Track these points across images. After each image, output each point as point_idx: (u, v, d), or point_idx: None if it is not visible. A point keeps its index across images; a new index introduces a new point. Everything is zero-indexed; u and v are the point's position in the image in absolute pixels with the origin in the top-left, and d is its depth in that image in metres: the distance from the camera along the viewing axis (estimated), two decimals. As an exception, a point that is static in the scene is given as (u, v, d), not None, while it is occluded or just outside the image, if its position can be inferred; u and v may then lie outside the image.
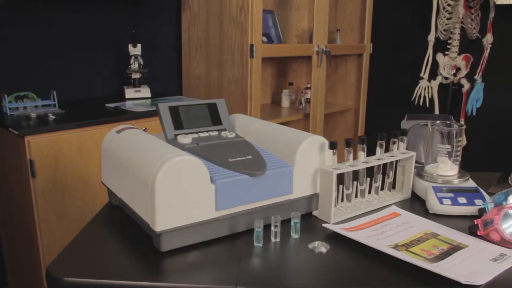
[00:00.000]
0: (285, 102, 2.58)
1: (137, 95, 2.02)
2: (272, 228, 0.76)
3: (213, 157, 0.79)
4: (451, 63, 2.43)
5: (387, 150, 0.93)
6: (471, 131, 2.54)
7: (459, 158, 0.97)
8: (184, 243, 0.73)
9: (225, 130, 0.93)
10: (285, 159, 0.83)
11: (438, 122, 0.98)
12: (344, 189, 0.87)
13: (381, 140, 0.89)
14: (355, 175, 0.87)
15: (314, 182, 0.84)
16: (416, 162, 1.08)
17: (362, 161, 0.86)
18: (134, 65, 2.04)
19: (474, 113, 2.43)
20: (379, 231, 0.80)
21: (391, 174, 0.94)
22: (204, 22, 2.18)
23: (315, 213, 0.86)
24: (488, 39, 2.34)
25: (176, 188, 0.69)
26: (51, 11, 1.93)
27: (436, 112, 2.52)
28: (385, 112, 2.95)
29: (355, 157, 0.86)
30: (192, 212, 0.72)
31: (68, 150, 1.56)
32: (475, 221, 0.81)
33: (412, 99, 2.58)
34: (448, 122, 0.98)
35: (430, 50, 2.46)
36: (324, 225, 0.80)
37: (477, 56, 2.42)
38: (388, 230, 0.81)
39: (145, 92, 2.04)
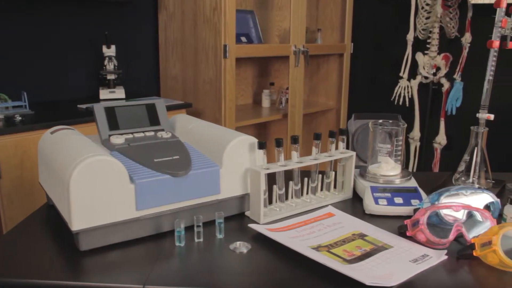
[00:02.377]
0: (265, 102, 2.58)
1: (111, 96, 2.02)
2: (195, 228, 0.76)
3: (139, 157, 0.79)
4: (431, 63, 2.41)
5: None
6: (451, 131, 2.53)
7: (400, 158, 0.97)
8: (105, 242, 0.73)
9: (162, 130, 0.92)
10: (214, 159, 0.83)
11: (380, 121, 0.97)
12: (277, 189, 0.86)
13: (316, 140, 0.88)
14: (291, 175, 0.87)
15: (245, 182, 0.84)
16: (364, 162, 1.07)
17: (295, 161, 0.86)
18: (109, 66, 2.05)
19: (454, 113, 2.42)
20: (307, 232, 0.79)
21: (330, 174, 0.94)
22: (179, 22, 2.18)
23: (247, 213, 0.86)
24: (467, 38, 2.32)
25: (92, 188, 0.69)
26: (25, 11, 1.94)
27: (417, 111, 2.51)
28: (366, 112, 2.94)
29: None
30: (111, 212, 0.72)
31: (35, 151, 1.57)
32: (405, 222, 0.80)
33: (392, 99, 2.57)
34: (391, 121, 0.98)
35: (409, 50, 2.45)
36: (250, 225, 0.79)
37: (457, 55, 2.40)
38: (317, 230, 0.80)
39: (120, 93, 2.04)
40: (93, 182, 0.69)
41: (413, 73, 2.53)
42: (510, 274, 0.69)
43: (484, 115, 0.94)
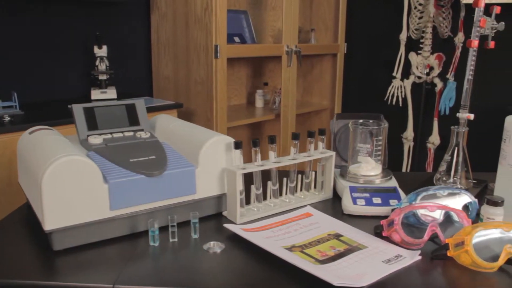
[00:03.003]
0: (259, 102, 2.58)
1: (103, 97, 2.02)
2: (169, 228, 0.76)
3: (115, 158, 0.79)
4: (424, 62, 2.41)
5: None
6: (445, 130, 2.52)
7: (381, 158, 0.96)
8: (78, 242, 0.73)
9: (141, 130, 0.92)
10: (190, 159, 0.83)
11: (361, 121, 0.97)
12: (255, 190, 0.86)
13: (294, 140, 0.88)
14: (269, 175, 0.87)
15: (222, 182, 0.84)
16: (346, 162, 1.07)
17: (273, 161, 0.86)
18: (101, 67, 2.05)
19: (447, 112, 2.41)
20: (283, 232, 0.79)
21: (309, 174, 0.94)
22: (171, 23, 2.18)
23: (225, 213, 0.86)
24: (460, 38, 2.31)
25: (65, 188, 0.69)
26: (15, 11, 1.94)
27: (410, 111, 2.51)
28: (360, 111, 2.94)
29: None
30: (84, 212, 0.72)
31: (24, 151, 1.57)
32: (381, 222, 0.80)
33: (385, 99, 2.56)
34: (371, 121, 0.97)
35: (402, 49, 2.45)
36: (226, 225, 0.79)
37: (450, 55, 2.40)
38: (292, 230, 0.80)
39: (111, 93, 2.04)
40: (66, 182, 0.69)
41: (406, 73, 2.53)
42: (483, 274, 0.68)
43: (464, 115, 0.94)
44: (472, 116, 0.93)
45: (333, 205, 0.93)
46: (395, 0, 2.63)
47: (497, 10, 1.01)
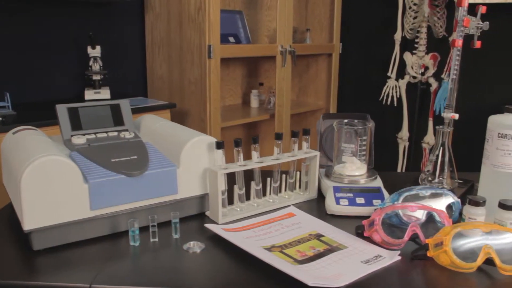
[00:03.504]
0: (254, 103, 2.58)
1: (96, 97, 2.03)
2: (150, 228, 0.76)
3: (97, 158, 0.79)
4: (419, 62, 2.41)
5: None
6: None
7: (366, 158, 0.96)
8: (58, 242, 0.73)
9: (126, 130, 0.93)
10: (172, 159, 0.83)
11: (345, 121, 0.97)
12: (238, 190, 0.86)
13: (278, 140, 0.88)
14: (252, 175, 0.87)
15: (204, 182, 0.84)
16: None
17: (256, 161, 0.86)
18: (95, 67, 2.05)
19: (442, 112, 2.41)
20: (264, 232, 0.79)
21: (293, 174, 0.93)
22: (165, 23, 2.18)
23: (207, 213, 0.86)
24: (454, 37, 2.31)
25: (45, 188, 0.70)
26: (8, 12, 1.95)
27: (405, 111, 2.50)
28: (355, 112, 2.94)
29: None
30: (64, 212, 0.72)
31: (16, 151, 1.57)
32: (363, 222, 0.79)
33: (380, 99, 2.56)
34: (356, 121, 0.97)
35: (397, 49, 2.44)
36: (206, 225, 0.79)
37: (444, 55, 2.39)
38: (274, 230, 0.80)
39: (105, 93, 2.04)
40: (45, 182, 0.69)
41: (401, 73, 2.52)
42: (462, 274, 0.68)
43: (449, 115, 0.94)
44: (456, 116, 0.93)
45: (317, 205, 0.93)
46: (390, 0, 2.63)
47: (482, 10, 1.01)
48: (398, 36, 2.42)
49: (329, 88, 2.74)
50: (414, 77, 2.47)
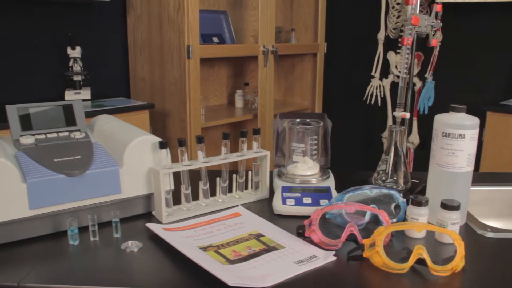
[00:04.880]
0: (239, 103, 2.58)
1: (76, 97, 2.04)
2: (89, 227, 0.77)
3: (41, 158, 0.80)
4: (403, 62, 2.40)
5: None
6: (424, 130, 2.51)
7: (317, 157, 0.96)
8: (-2, 241, 0.74)
9: (78, 131, 0.93)
10: (117, 159, 0.83)
11: (298, 120, 0.97)
12: (184, 189, 0.86)
13: (225, 140, 0.88)
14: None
15: (150, 182, 0.84)
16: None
17: (202, 160, 0.86)
18: (76, 68, 2.07)
19: (426, 112, 2.40)
20: (206, 232, 0.79)
21: (243, 173, 0.94)
22: (146, 24, 2.19)
23: (154, 212, 0.86)
24: (438, 37, 2.30)
25: (-19, 188, 0.70)
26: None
27: (389, 111, 2.49)
28: (341, 111, 2.93)
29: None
30: (2, 211, 0.73)
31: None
32: (304, 222, 0.79)
33: (364, 98, 2.55)
34: (308, 120, 0.97)
35: (380, 49, 2.44)
36: (147, 224, 0.79)
37: (428, 54, 2.38)
38: (216, 230, 0.80)
39: (85, 94, 2.06)
40: (-19, 182, 0.70)
41: (385, 73, 2.52)
42: (395, 275, 0.68)
43: (400, 114, 0.94)
44: (408, 115, 0.93)
45: (268, 205, 0.93)
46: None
47: (437, 8, 1.00)
48: (381, 36, 2.41)
49: (314, 88, 2.74)
50: (398, 77, 2.47)
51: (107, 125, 0.95)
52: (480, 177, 1.14)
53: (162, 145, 0.82)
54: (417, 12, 0.91)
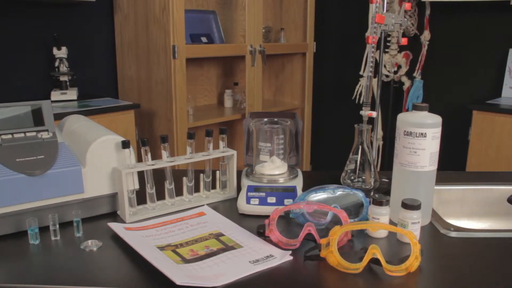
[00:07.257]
0: (228, 102, 2.58)
1: (62, 98, 2.05)
2: (50, 226, 0.77)
3: (3, 157, 0.80)
4: (392, 61, 2.40)
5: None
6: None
7: (285, 157, 0.96)
8: (-42, 241, 0.75)
9: (46, 131, 0.94)
10: (81, 159, 0.84)
11: (265, 119, 0.97)
12: (148, 189, 0.87)
13: (190, 139, 0.89)
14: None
15: (114, 181, 0.85)
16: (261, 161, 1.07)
17: (166, 160, 0.86)
18: (62, 68, 2.07)
19: (414, 111, 2.39)
20: (167, 231, 0.80)
21: (209, 173, 0.94)
22: (133, 23, 2.20)
23: (118, 212, 0.86)
24: (426, 36, 2.30)
25: None
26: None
27: (378, 110, 2.49)
28: (331, 111, 2.93)
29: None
30: (-39, 211, 0.73)
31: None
32: (265, 222, 0.80)
33: (353, 97, 2.55)
34: (276, 119, 0.97)
35: (369, 48, 2.43)
36: (109, 224, 0.80)
37: (416, 53, 2.38)
38: (177, 229, 0.80)
39: (72, 94, 2.06)
40: None
41: (374, 72, 2.51)
42: (352, 276, 0.68)
43: (366, 112, 0.93)
44: (374, 114, 0.93)
45: (235, 205, 0.93)
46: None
47: (406, 7, 1.00)
48: (368, 35, 2.41)
49: (304, 88, 2.74)
50: (387, 76, 2.46)
51: (75, 125, 0.96)
52: (463, 176, 1.14)
53: (125, 145, 0.82)
54: (384, 10, 0.91)
